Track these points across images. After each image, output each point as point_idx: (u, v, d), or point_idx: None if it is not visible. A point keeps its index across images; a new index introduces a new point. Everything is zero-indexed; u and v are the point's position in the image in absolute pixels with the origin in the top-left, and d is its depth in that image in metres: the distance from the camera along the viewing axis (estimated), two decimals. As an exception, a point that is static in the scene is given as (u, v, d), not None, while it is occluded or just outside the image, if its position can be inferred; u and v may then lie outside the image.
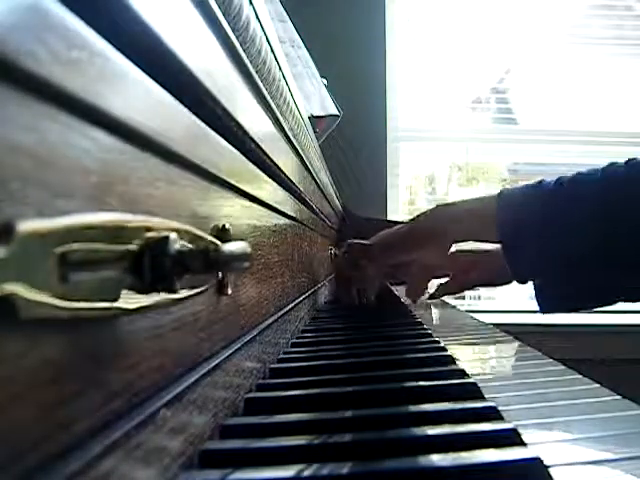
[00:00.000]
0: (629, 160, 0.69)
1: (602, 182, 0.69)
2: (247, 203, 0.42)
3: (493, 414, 0.32)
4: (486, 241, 0.81)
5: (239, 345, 0.38)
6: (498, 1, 2.08)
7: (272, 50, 0.49)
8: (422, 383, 0.39)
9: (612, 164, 0.70)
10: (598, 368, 0.69)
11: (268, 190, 0.49)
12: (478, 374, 0.47)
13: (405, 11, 1.98)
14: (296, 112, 0.62)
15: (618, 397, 0.38)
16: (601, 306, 0.81)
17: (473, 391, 0.37)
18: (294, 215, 0.64)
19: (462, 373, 0.42)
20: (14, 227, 0.14)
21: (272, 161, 0.47)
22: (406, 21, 1.97)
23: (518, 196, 0.75)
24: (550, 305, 0.83)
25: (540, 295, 0.83)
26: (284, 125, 0.52)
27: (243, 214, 0.40)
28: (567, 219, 0.70)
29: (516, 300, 1.89)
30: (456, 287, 1.02)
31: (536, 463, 0.25)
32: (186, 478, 0.25)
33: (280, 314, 0.55)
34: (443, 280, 1.02)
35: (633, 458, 0.28)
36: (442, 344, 0.54)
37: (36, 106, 0.16)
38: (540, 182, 0.74)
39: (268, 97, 0.44)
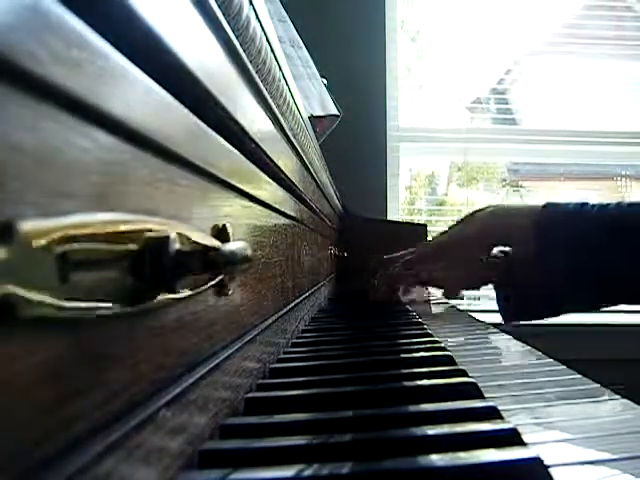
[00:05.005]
0: None
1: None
2: (247, 203, 0.42)
3: (493, 414, 0.32)
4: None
5: (239, 345, 0.38)
6: (498, 2, 2.08)
7: (272, 50, 0.49)
8: (422, 383, 0.39)
9: None
10: (598, 368, 0.69)
11: (268, 190, 0.49)
12: (478, 374, 0.47)
13: (405, 11, 1.98)
14: (296, 112, 0.62)
15: (618, 397, 0.38)
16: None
17: (473, 391, 0.37)
18: (294, 215, 0.64)
19: (462, 373, 0.42)
20: (14, 227, 0.14)
21: (272, 161, 0.47)
22: (406, 21, 1.97)
23: (561, 210, 0.82)
24: (513, 315, 0.89)
25: (504, 305, 0.88)
26: (284, 125, 0.52)
27: (243, 214, 0.40)
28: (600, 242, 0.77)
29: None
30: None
31: (536, 463, 0.25)
32: (186, 478, 0.25)
33: (280, 314, 0.55)
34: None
35: (632, 458, 0.28)
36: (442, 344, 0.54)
37: (36, 106, 0.16)
38: (583, 204, 0.82)
39: (268, 97, 0.44)
